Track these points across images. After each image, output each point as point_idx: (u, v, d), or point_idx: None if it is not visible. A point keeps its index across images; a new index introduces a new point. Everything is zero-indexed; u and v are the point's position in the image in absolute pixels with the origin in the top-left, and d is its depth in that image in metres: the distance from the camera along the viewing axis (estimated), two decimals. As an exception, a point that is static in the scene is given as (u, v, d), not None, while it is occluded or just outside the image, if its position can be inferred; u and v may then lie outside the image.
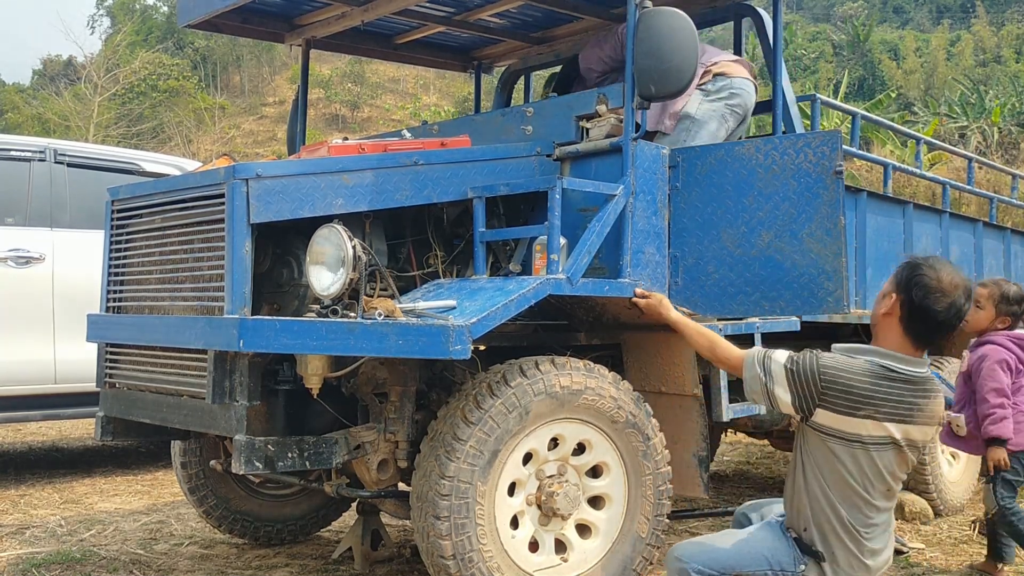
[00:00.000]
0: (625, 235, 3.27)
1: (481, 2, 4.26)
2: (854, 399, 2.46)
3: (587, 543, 3.09)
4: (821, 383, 2.48)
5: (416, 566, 3.58)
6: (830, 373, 2.48)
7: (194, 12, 4.09)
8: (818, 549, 2.55)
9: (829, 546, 2.55)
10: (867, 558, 2.56)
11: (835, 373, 2.48)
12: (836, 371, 2.49)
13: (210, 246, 2.97)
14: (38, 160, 5.34)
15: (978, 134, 22.44)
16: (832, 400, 2.48)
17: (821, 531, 2.56)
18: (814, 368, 2.50)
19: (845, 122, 16.11)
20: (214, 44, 42.07)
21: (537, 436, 2.96)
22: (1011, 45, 39.33)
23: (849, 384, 2.47)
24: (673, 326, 3.06)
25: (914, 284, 2.53)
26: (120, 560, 3.77)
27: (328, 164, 3.04)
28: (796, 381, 2.52)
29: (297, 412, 3.14)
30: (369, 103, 42.03)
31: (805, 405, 2.52)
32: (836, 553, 2.55)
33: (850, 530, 2.54)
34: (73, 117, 31.48)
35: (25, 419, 5.35)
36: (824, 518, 2.55)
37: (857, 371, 2.49)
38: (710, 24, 4.64)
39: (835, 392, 2.47)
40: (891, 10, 52.14)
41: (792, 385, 2.53)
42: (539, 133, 3.60)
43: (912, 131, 6.50)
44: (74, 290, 5.18)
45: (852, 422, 2.47)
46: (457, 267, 3.52)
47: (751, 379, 2.62)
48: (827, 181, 3.17)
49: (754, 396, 2.64)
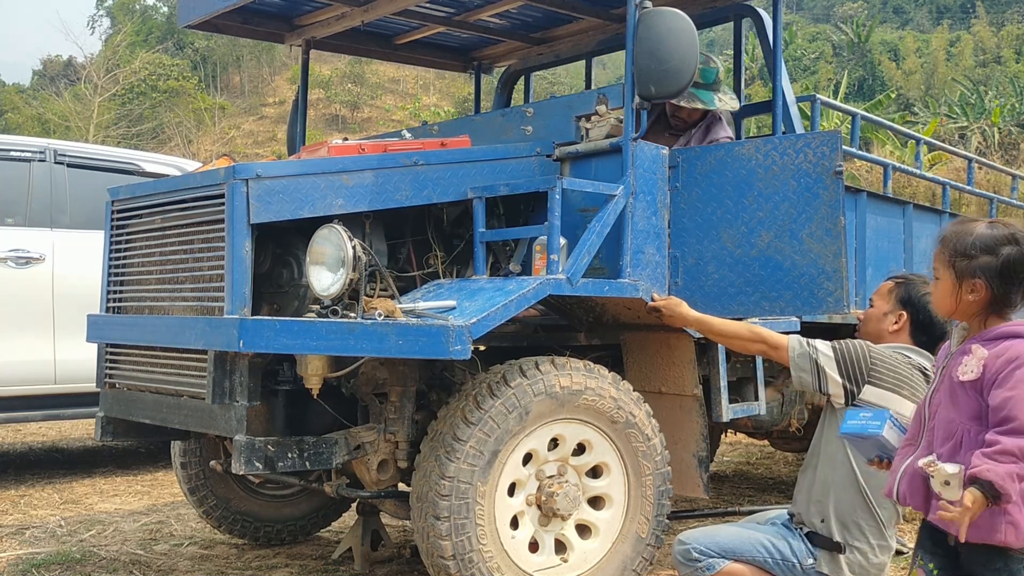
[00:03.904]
0: (625, 235, 3.27)
1: (481, 2, 4.26)
2: (898, 378, 2.65)
3: (587, 543, 3.09)
4: (870, 359, 2.67)
5: (416, 566, 3.58)
6: (876, 351, 2.70)
7: (194, 13, 4.09)
8: (837, 540, 2.64)
9: (850, 536, 2.66)
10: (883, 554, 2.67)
11: (880, 352, 2.70)
12: (880, 351, 2.70)
13: (210, 246, 2.97)
14: (38, 160, 5.34)
15: (978, 134, 22.46)
16: (880, 376, 2.65)
17: (842, 521, 2.68)
18: (861, 347, 2.71)
19: (845, 122, 16.13)
20: (214, 44, 42.08)
21: (537, 436, 2.96)
22: (1011, 45, 39.35)
23: (894, 364, 2.67)
24: (696, 325, 3.14)
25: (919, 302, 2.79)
26: (120, 560, 3.77)
27: (328, 164, 3.04)
28: (845, 359, 2.70)
29: (297, 412, 3.14)
30: (369, 103, 42.06)
31: (855, 380, 2.67)
32: (856, 544, 2.66)
33: (874, 515, 2.67)
34: (73, 117, 31.49)
35: (25, 419, 5.34)
36: (848, 507, 2.68)
37: (892, 355, 2.70)
38: (710, 24, 4.64)
39: (883, 369, 2.66)
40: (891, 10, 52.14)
41: (841, 364, 2.70)
42: (539, 133, 3.60)
43: (912, 131, 6.50)
44: (74, 290, 5.18)
45: (896, 400, 2.60)
46: (457, 267, 3.52)
47: (800, 356, 2.76)
48: (827, 181, 3.17)
49: (802, 375, 2.76)
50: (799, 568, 2.66)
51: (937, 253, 2.23)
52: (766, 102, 4.22)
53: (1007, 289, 2.12)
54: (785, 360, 2.79)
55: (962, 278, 2.15)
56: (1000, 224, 2.18)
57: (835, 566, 2.64)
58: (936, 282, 2.24)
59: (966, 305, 2.16)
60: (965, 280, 2.15)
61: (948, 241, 2.21)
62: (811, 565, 2.65)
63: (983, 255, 2.13)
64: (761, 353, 3.07)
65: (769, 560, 2.65)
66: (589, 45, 4.72)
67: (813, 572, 2.66)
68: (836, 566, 2.64)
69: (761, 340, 2.93)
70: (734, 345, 3.10)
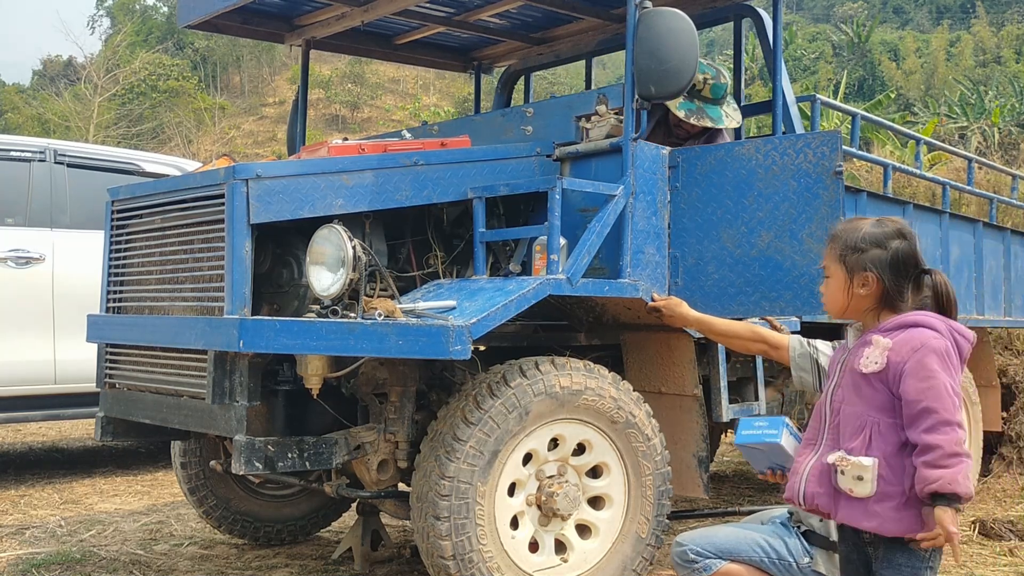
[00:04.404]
0: (625, 235, 3.27)
1: (481, 2, 4.26)
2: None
3: (587, 543, 3.09)
4: None
5: (416, 566, 3.58)
6: None
7: (194, 13, 4.09)
8: (834, 539, 2.63)
9: None
10: None
11: None
12: None
13: (210, 246, 2.97)
14: (38, 160, 5.34)
15: (978, 134, 22.47)
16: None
17: None
18: None
19: (845, 122, 16.13)
20: (214, 44, 42.12)
21: (537, 436, 2.96)
22: (1011, 46, 39.37)
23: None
24: (696, 325, 3.13)
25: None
26: (120, 560, 3.77)
27: (328, 164, 3.04)
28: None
29: (297, 412, 3.14)
30: (369, 103, 42.08)
31: None
32: None
33: None
34: (73, 118, 31.51)
35: (25, 419, 5.34)
36: None
37: None
38: (710, 24, 4.64)
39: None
40: (891, 10, 52.15)
41: None
42: (539, 133, 3.60)
43: (912, 131, 6.49)
44: (74, 290, 5.18)
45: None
46: (457, 267, 3.53)
47: (800, 356, 2.73)
48: (827, 181, 3.17)
49: (803, 375, 2.73)
50: (795, 567, 2.66)
51: (827, 251, 2.25)
52: (766, 102, 4.22)
53: (898, 281, 2.16)
54: (786, 360, 2.79)
55: (853, 272, 2.18)
56: (887, 221, 2.23)
57: (831, 565, 2.64)
58: (827, 281, 2.24)
59: (858, 300, 2.19)
60: (856, 274, 2.18)
61: (838, 238, 2.23)
62: (807, 564, 2.66)
63: (873, 248, 2.16)
64: (762, 353, 3.07)
65: (765, 560, 2.66)
66: (589, 45, 4.72)
67: (810, 571, 2.66)
68: (832, 565, 2.64)
69: (762, 340, 2.92)
70: (734, 345, 3.10)
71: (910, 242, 2.18)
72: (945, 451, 1.96)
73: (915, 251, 2.19)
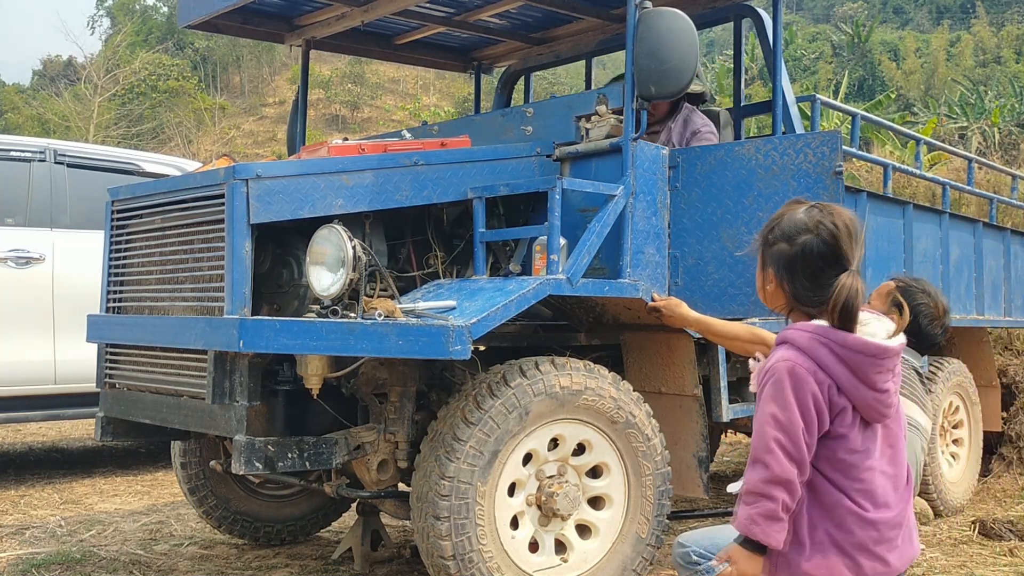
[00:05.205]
0: (625, 235, 3.27)
1: (481, 2, 4.26)
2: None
3: (587, 543, 3.09)
4: None
5: (416, 566, 3.58)
6: None
7: (194, 13, 4.09)
8: None
9: None
10: None
11: None
12: None
13: (210, 246, 2.97)
14: (38, 160, 5.34)
15: (978, 135, 22.47)
16: None
17: None
18: None
19: (845, 122, 16.12)
20: (214, 44, 42.09)
21: (537, 436, 2.96)
22: (1011, 46, 39.37)
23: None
24: (696, 326, 3.12)
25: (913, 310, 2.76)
26: (120, 560, 3.77)
27: (328, 164, 3.04)
28: None
29: (297, 412, 3.14)
30: (369, 104, 42.06)
31: None
32: None
33: None
34: (73, 118, 31.50)
35: (25, 419, 5.34)
36: None
37: None
38: (710, 24, 4.64)
39: None
40: (891, 11, 52.16)
41: None
42: (539, 133, 3.60)
43: (912, 132, 6.49)
44: (74, 290, 5.18)
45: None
46: (457, 267, 3.53)
47: None
48: (827, 181, 3.17)
49: None
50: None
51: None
52: (766, 102, 4.22)
53: (793, 284, 1.87)
54: None
55: (763, 267, 1.95)
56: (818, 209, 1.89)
57: None
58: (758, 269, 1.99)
59: (771, 297, 1.97)
60: (764, 269, 1.95)
61: (766, 224, 1.96)
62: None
63: (780, 243, 1.89)
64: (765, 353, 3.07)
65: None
66: (589, 45, 4.72)
67: None
68: None
69: (761, 341, 2.92)
70: (734, 346, 3.10)
71: (828, 239, 1.85)
72: (747, 489, 1.84)
73: (832, 249, 1.84)
